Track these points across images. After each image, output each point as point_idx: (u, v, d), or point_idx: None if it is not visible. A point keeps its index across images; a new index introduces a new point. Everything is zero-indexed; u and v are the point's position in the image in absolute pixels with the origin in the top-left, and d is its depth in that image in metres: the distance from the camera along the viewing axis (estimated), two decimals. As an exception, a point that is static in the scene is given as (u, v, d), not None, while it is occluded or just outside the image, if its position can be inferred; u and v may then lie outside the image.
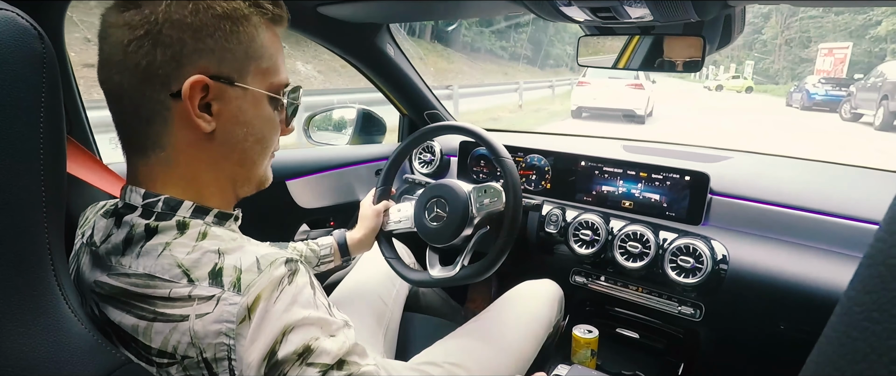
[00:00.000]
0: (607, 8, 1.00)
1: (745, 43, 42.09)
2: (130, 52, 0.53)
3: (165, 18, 0.53)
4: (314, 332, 0.56)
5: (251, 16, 0.58)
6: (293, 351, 0.54)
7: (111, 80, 0.56)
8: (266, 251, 0.56)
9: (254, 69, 0.60)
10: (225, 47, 0.57)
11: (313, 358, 0.55)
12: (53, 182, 0.50)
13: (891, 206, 0.23)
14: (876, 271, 0.22)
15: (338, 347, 0.58)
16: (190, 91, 0.55)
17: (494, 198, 1.15)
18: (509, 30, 25.71)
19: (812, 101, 16.10)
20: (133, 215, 0.58)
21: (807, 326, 1.11)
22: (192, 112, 0.56)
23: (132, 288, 0.54)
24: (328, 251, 1.16)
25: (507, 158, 1.16)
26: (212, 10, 0.55)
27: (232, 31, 0.57)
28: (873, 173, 1.35)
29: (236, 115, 0.60)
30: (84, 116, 1.02)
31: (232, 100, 0.59)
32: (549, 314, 1.26)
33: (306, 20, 1.31)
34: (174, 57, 0.54)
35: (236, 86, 0.59)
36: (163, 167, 0.59)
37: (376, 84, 1.71)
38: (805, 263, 1.14)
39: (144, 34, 0.53)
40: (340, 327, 0.60)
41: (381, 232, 1.25)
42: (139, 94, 0.55)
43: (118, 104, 0.57)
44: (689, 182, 1.28)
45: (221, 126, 0.59)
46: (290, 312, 0.54)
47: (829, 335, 0.24)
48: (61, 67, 0.53)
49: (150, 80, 0.55)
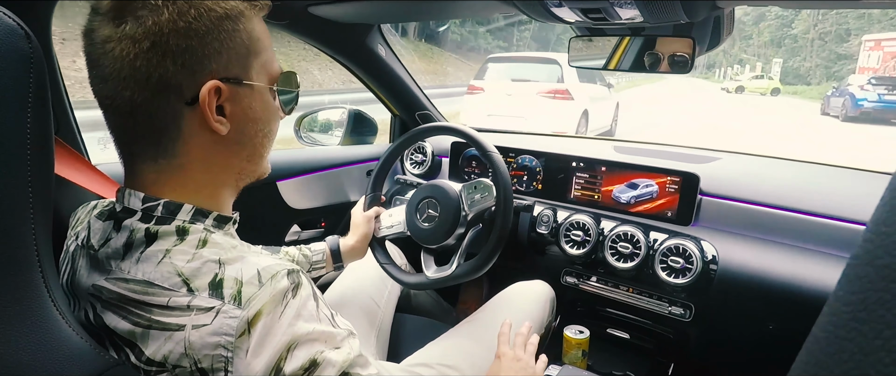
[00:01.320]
0: (598, 9, 1.00)
1: (772, 39, 38.60)
2: (139, 67, 0.52)
3: (170, 28, 0.52)
4: (319, 346, 0.56)
5: (245, 10, 0.58)
6: (300, 366, 0.53)
7: (120, 96, 0.54)
8: (267, 262, 0.55)
9: (256, 64, 0.60)
10: (230, 47, 0.56)
11: (319, 371, 0.55)
12: (41, 183, 0.49)
13: (878, 207, 0.23)
14: (863, 271, 0.22)
15: (343, 359, 0.58)
16: (207, 98, 0.55)
17: (485, 193, 1.15)
18: (510, 28, 24.91)
19: (858, 109, 12.27)
20: (133, 219, 0.57)
21: (795, 326, 1.11)
22: (210, 118, 0.56)
23: (130, 294, 0.53)
24: (320, 257, 1.15)
25: (494, 152, 1.16)
26: (213, 12, 0.54)
27: (233, 30, 0.56)
28: (861, 174, 1.36)
29: (247, 113, 0.60)
30: (72, 116, 1.01)
31: (242, 98, 0.59)
32: (541, 314, 1.26)
33: (297, 20, 1.31)
34: (185, 65, 0.53)
35: (245, 84, 0.59)
36: (168, 173, 0.59)
37: (367, 84, 1.71)
38: (794, 264, 1.15)
39: (151, 46, 0.52)
40: (345, 337, 0.60)
41: (374, 238, 1.25)
42: (153, 107, 0.54)
43: (128, 118, 0.56)
44: (679, 183, 1.29)
45: (235, 126, 0.59)
46: (294, 327, 0.53)
47: (817, 335, 0.24)
48: (49, 67, 0.52)
49: (163, 92, 0.54)
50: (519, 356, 0.98)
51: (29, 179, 0.47)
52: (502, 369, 0.96)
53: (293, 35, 1.39)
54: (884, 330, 0.21)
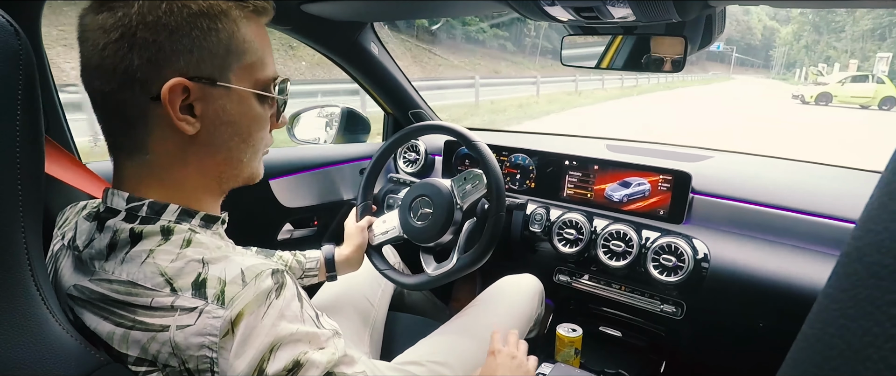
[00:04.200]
0: (590, 8, 1.00)
1: (873, 28, 28.99)
2: (107, 57, 0.52)
3: (139, 21, 0.51)
4: (303, 347, 0.55)
5: (230, 10, 0.56)
6: (283, 367, 0.53)
7: (92, 84, 0.54)
8: (251, 262, 0.55)
9: (237, 66, 0.58)
10: (203, 46, 0.54)
11: (303, 372, 0.55)
12: (31, 182, 0.48)
13: (867, 205, 0.23)
14: (852, 269, 0.23)
15: (327, 359, 0.57)
16: (169, 94, 0.53)
17: (476, 182, 1.15)
18: (517, 22, 23.33)
19: None
20: (116, 219, 0.57)
21: (786, 324, 1.12)
22: (173, 115, 0.54)
23: (113, 295, 0.53)
24: (314, 265, 1.15)
25: (479, 142, 1.15)
26: (187, 8, 0.53)
27: (210, 28, 0.54)
28: (851, 173, 1.37)
29: (220, 116, 0.58)
30: (62, 115, 1.00)
31: (215, 100, 0.57)
32: (530, 308, 1.26)
33: (290, 18, 1.30)
34: (151, 60, 0.52)
35: (219, 85, 0.57)
36: (147, 170, 0.58)
37: (360, 82, 1.70)
38: (784, 261, 1.15)
39: (120, 37, 0.51)
40: (329, 338, 0.60)
41: (369, 246, 1.24)
42: (119, 99, 0.54)
43: (100, 109, 0.56)
44: (671, 181, 1.30)
45: (205, 127, 0.57)
46: (278, 327, 0.53)
47: (806, 332, 0.24)
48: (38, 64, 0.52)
49: (128, 85, 0.53)
50: (513, 353, 1.00)
51: (18, 178, 0.47)
52: (498, 367, 0.97)
53: (286, 32, 1.39)
54: (872, 327, 0.21)
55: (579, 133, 1.88)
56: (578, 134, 1.85)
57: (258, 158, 0.67)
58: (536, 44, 27.16)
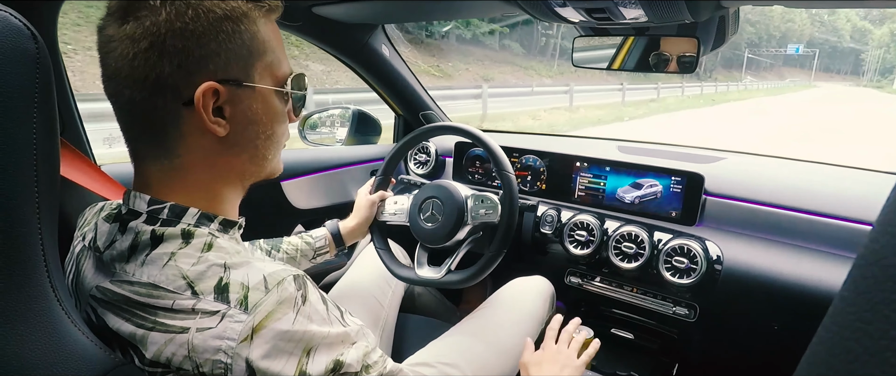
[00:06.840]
0: (602, 9, 1.00)
1: None
2: (137, 66, 0.53)
3: (168, 29, 0.52)
4: (338, 348, 0.58)
5: (249, 12, 0.58)
6: (325, 369, 0.55)
7: (121, 94, 0.55)
8: (272, 268, 0.55)
9: (259, 66, 0.60)
10: (229, 49, 0.56)
11: (344, 370, 0.57)
12: (47, 183, 0.49)
13: (884, 208, 0.23)
14: (869, 272, 0.22)
15: (362, 354, 0.61)
16: (202, 99, 0.54)
17: (490, 210, 1.16)
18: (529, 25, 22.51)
19: None
20: (138, 221, 0.58)
21: (800, 327, 1.11)
22: (206, 119, 0.56)
23: (135, 297, 0.54)
24: (323, 242, 1.17)
25: (509, 173, 1.15)
26: (212, 13, 0.54)
27: (234, 31, 0.56)
28: (867, 174, 1.35)
29: (247, 115, 0.60)
30: (77, 117, 1.01)
31: (242, 100, 0.59)
32: (541, 310, 1.26)
33: (301, 20, 1.31)
34: (181, 66, 0.53)
35: (245, 86, 0.58)
36: (172, 173, 0.59)
37: (371, 84, 1.71)
38: (799, 264, 1.14)
39: (149, 46, 0.52)
40: (357, 331, 0.62)
41: (375, 221, 1.25)
42: (151, 107, 0.55)
43: (130, 117, 0.57)
44: (683, 183, 1.29)
45: (234, 128, 0.59)
46: (309, 332, 0.55)
47: (822, 336, 0.24)
48: (55, 67, 0.52)
49: (160, 92, 0.54)
50: (561, 349, 1.01)
51: (35, 180, 0.47)
52: (545, 358, 1.00)
53: (297, 35, 1.39)
54: (889, 330, 0.21)
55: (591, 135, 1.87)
56: (589, 136, 1.84)
57: (279, 153, 0.69)
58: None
